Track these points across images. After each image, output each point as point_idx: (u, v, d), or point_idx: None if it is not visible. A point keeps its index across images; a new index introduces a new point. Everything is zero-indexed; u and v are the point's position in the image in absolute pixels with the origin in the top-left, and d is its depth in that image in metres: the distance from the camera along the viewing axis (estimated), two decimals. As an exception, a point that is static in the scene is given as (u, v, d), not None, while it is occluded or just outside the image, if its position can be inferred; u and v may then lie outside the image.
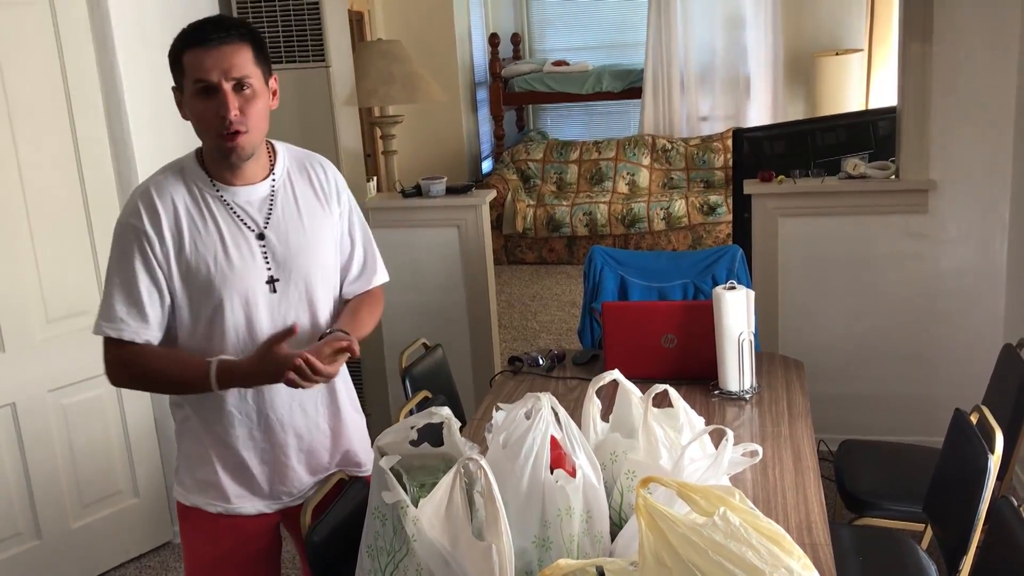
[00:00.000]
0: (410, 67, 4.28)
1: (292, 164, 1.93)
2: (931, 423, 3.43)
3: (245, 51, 1.76)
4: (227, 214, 1.83)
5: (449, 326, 4.04)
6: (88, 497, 3.27)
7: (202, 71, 1.72)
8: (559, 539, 1.67)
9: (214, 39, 1.73)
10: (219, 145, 1.77)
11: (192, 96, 1.76)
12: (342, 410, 2.02)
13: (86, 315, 3.18)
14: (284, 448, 1.94)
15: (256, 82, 1.77)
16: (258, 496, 1.97)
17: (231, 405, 1.89)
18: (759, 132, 4.87)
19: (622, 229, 7.11)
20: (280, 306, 1.87)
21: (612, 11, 8.93)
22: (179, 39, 1.77)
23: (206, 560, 2.00)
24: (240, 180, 1.85)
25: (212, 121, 1.74)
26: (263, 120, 1.80)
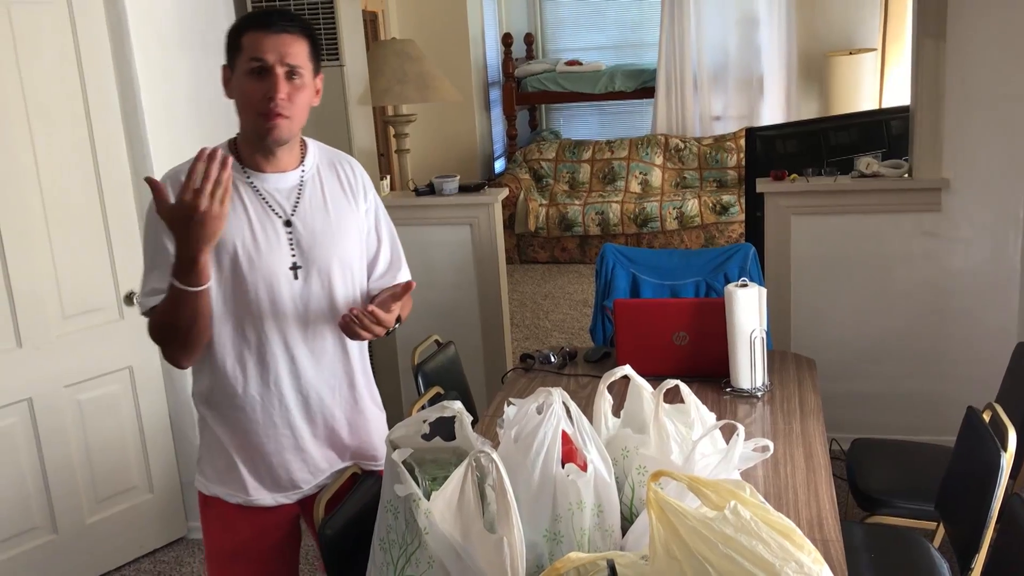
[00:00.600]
0: (424, 66, 4.30)
1: (322, 160, 1.99)
2: (944, 422, 3.42)
3: (302, 44, 1.83)
4: (256, 199, 1.88)
5: (461, 323, 4.06)
6: (103, 492, 3.30)
7: (259, 51, 1.78)
8: (570, 533, 1.68)
9: (277, 25, 1.80)
10: (259, 125, 1.82)
11: (244, 74, 1.81)
12: (360, 401, 2.04)
13: (102, 311, 3.22)
14: (302, 435, 1.96)
15: (306, 74, 1.84)
16: (277, 487, 1.98)
17: (251, 392, 1.91)
18: (772, 131, 4.86)
19: (634, 228, 7.11)
20: (302, 292, 1.90)
21: (625, 11, 8.93)
22: (242, 19, 1.85)
23: (224, 550, 2.03)
24: (271, 167, 1.90)
25: (259, 101, 1.80)
26: (304, 111, 1.87)
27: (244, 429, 1.94)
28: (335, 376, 1.98)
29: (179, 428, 3.46)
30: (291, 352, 1.91)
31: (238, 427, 1.94)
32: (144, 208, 3.23)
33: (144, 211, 3.22)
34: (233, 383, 1.90)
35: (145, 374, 3.35)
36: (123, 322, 3.27)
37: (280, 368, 1.91)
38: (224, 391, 1.92)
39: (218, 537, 2.03)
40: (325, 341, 1.95)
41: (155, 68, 3.26)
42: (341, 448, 2.04)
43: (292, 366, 1.92)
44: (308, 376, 1.92)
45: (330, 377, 1.96)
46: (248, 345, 1.89)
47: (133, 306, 3.28)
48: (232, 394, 1.92)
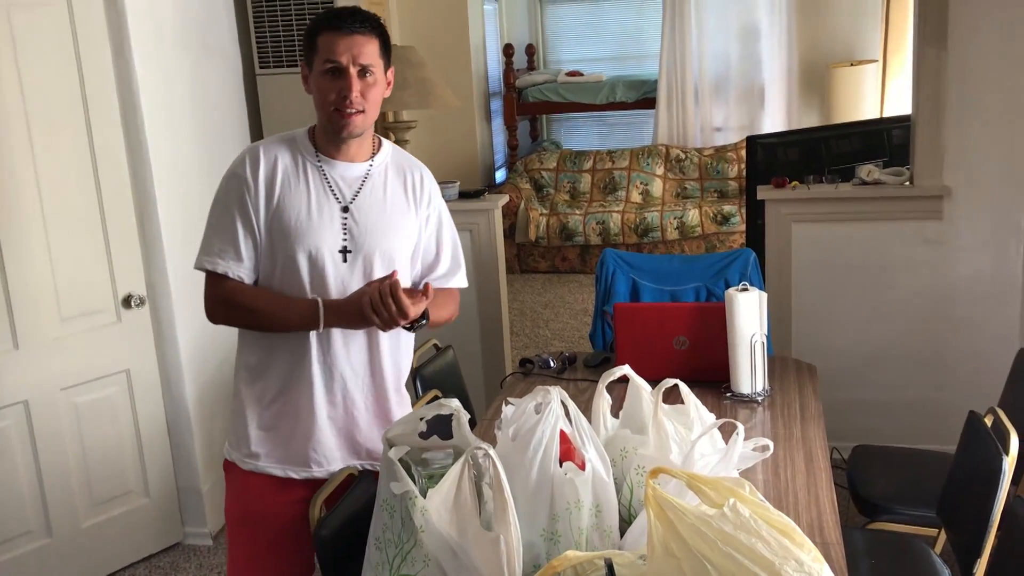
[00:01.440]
0: (424, 72, 4.29)
1: (393, 161, 2.08)
2: (946, 430, 3.39)
3: (373, 43, 1.93)
4: (320, 181, 1.98)
5: (461, 329, 4.03)
6: (99, 496, 3.27)
7: (333, 53, 1.89)
8: (568, 532, 1.66)
9: (348, 27, 1.90)
10: (334, 120, 1.93)
11: (320, 74, 1.92)
12: (384, 397, 2.09)
13: (100, 314, 3.21)
14: (320, 413, 2.01)
15: (378, 72, 1.95)
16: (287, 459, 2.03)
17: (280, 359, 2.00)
18: (773, 139, 4.86)
19: (635, 238, 7.11)
20: (346, 276, 1.98)
21: (626, 22, 8.95)
22: (318, 20, 1.94)
23: (236, 514, 2.11)
24: (342, 156, 2.00)
25: (334, 99, 1.91)
26: (377, 105, 1.98)
27: (267, 395, 2.03)
28: (361, 363, 2.04)
29: (176, 432, 3.44)
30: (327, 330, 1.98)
31: (262, 393, 2.03)
32: (143, 208, 3.24)
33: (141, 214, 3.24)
34: (267, 352, 2.01)
35: (142, 378, 3.33)
36: (121, 325, 3.26)
37: (312, 345, 1.99)
38: (258, 356, 2.03)
39: (233, 502, 2.12)
40: None
41: (155, 71, 3.26)
42: (357, 441, 2.07)
43: (322, 344, 1.99)
44: (336, 356, 2.00)
45: (357, 363, 2.03)
46: None
47: (131, 309, 3.26)
48: (262, 363, 2.02)
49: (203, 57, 3.57)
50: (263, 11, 3.81)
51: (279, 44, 3.87)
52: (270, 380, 2.03)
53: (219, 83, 3.67)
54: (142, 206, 3.27)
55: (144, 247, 3.29)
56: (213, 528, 3.54)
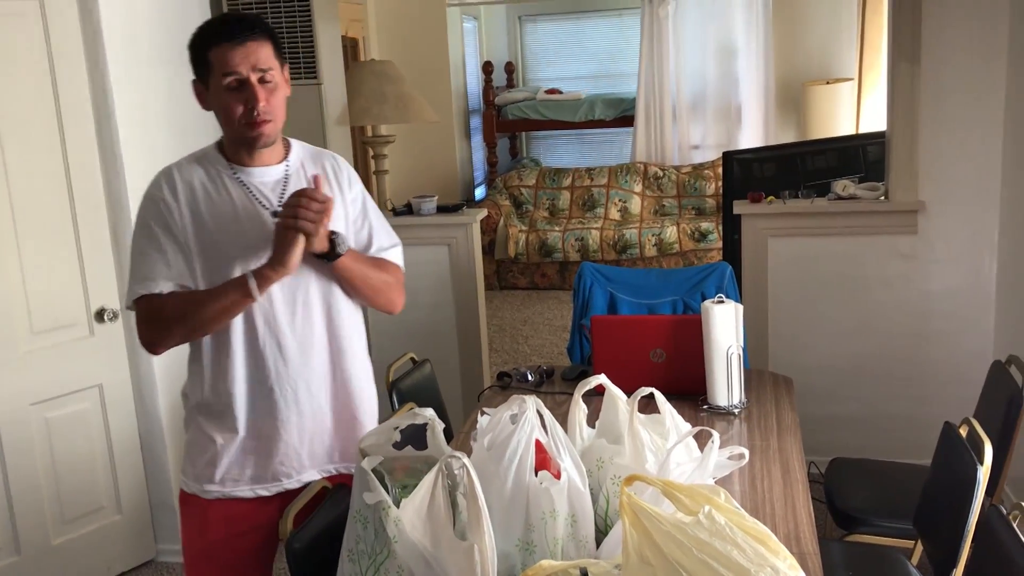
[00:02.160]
0: (403, 87, 4.30)
1: (306, 156, 2.05)
2: (921, 444, 3.40)
3: (267, 45, 1.87)
4: (243, 193, 1.94)
5: (439, 344, 4.03)
6: (70, 513, 3.22)
7: (231, 66, 1.83)
8: (543, 543, 1.65)
9: (240, 36, 1.83)
10: (245, 134, 1.89)
11: (221, 91, 1.85)
12: (352, 400, 2.05)
13: (72, 327, 3.17)
14: (287, 426, 1.96)
15: (276, 74, 1.89)
16: (257, 478, 1.98)
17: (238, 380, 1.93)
18: (749, 154, 4.89)
19: (614, 255, 7.12)
20: (290, 282, 1.93)
21: (605, 41, 9.02)
22: (204, 35, 1.87)
23: (198, 550, 2.03)
24: (256, 163, 1.96)
25: (243, 113, 1.86)
26: (283, 109, 1.93)
27: (227, 416, 1.96)
28: (324, 367, 2.00)
29: (149, 448, 3.40)
30: (278, 340, 1.93)
31: (222, 414, 1.96)
32: (116, 222, 3.21)
33: (114, 227, 3.21)
34: (222, 368, 1.94)
35: (115, 392, 3.29)
36: (94, 339, 3.22)
37: (267, 355, 1.93)
38: (212, 380, 1.96)
39: (193, 535, 2.04)
40: (312, 330, 1.97)
41: (130, 81, 3.24)
42: (327, 447, 2.03)
43: (279, 355, 1.94)
44: (293, 365, 1.95)
45: (319, 368, 1.99)
46: (239, 332, 1.92)
47: (104, 323, 3.23)
48: (219, 382, 1.95)
49: (179, 68, 3.52)
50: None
51: (256, 58, 3.87)
52: (227, 402, 1.95)
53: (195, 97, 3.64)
54: (116, 219, 3.24)
55: (118, 261, 3.25)
56: (186, 545, 3.49)
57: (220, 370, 1.95)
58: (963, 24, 3.44)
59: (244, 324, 1.92)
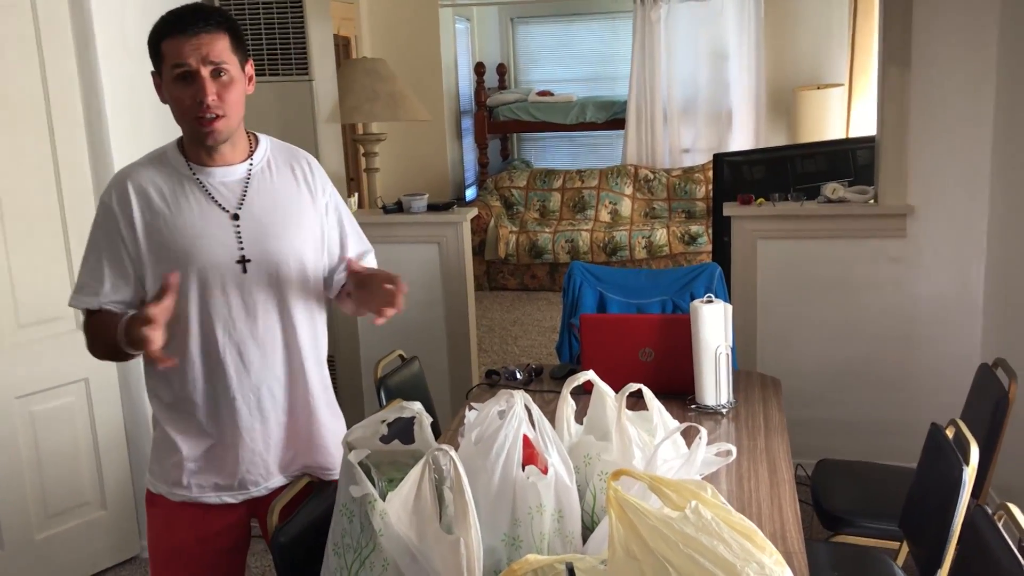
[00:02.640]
0: (394, 85, 4.29)
1: (275, 155, 1.97)
2: (908, 447, 3.41)
3: (222, 39, 1.80)
4: (201, 194, 1.87)
5: (428, 342, 4.02)
6: (54, 507, 3.20)
7: (180, 57, 1.77)
8: (529, 537, 1.65)
9: (192, 28, 1.78)
10: (195, 129, 1.82)
11: (171, 82, 1.80)
12: (313, 404, 2.00)
13: (59, 320, 3.15)
14: (250, 433, 1.92)
15: (233, 68, 1.82)
16: (222, 486, 1.94)
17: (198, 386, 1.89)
18: (739, 157, 4.90)
19: (604, 257, 7.13)
20: (249, 286, 1.88)
21: (597, 44, 9.03)
22: (158, 26, 1.83)
23: (163, 550, 1.99)
24: (216, 162, 1.89)
25: (190, 106, 1.79)
26: (239, 105, 1.85)
27: (191, 423, 1.92)
28: (285, 373, 1.95)
29: (135, 443, 3.38)
30: (239, 347, 1.89)
31: (186, 421, 1.92)
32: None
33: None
34: (181, 377, 1.89)
35: (101, 386, 3.27)
36: (80, 333, 3.16)
37: (228, 363, 1.88)
38: (172, 385, 1.91)
39: (160, 536, 2.00)
40: (274, 336, 1.92)
41: (120, 73, 3.22)
42: (292, 452, 1.99)
43: (239, 361, 1.89)
44: (256, 372, 1.90)
45: (280, 374, 1.94)
46: (196, 340, 1.87)
47: (91, 317, 3.21)
48: (180, 388, 1.90)
49: (170, 64, 3.54)
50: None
51: (247, 53, 3.85)
52: (190, 410, 1.91)
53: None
54: (104, 212, 3.22)
55: (106, 254, 3.24)
56: (171, 542, 3.47)
57: (182, 378, 1.90)
58: (953, 30, 3.46)
59: (201, 333, 1.87)
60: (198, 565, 1.97)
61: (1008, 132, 3.33)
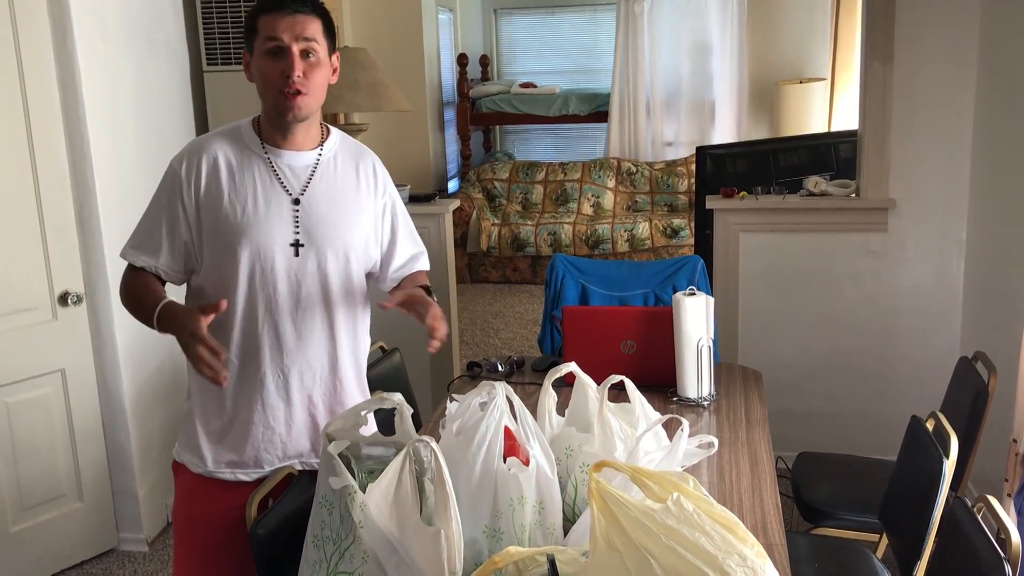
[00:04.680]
0: (376, 75, 4.26)
1: (343, 148, 2.02)
2: (888, 440, 3.43)
3: (315, 23, 1.87)
4: (267, 173, 1.92)
5: (409, 334, 3.96)
6: (29, 500, 3.16)
7: (274, 31, 1.84)
8: (510, 529, 1.63)
9: (290, 7, 1.85)
10: (278, 102, 1.86)
11: (261, 55, 1.86)
12: (343, 393, 2.02)
13: (35, 311, 3.12)
14: (275, 413, 1.96)
15: (321, 52, 1.88)
16: (238, 463, 1.97)
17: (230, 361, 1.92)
18: (722, 150, 4.90)
19: (586, 250, 7.13)
20: (298, 270, 1.93)
21: (580, 36, 9.01)
22: (258, 4, 1.89)
23: (182, 517, 2.04)
24: (288, 145, 1.94)
25: (276, 79, 1.85)
26: (322, 89, 1.90)
27: (215, 398, 1.96)
28: (318, 359, 1.98)
29: (112, 434, 3.35)
30: (277, 327, 1.93)
31: (210, 396, 1.96)
32: (82, 204, 3.16)
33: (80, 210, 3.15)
34: None
35: (78, 377, 3.24)
36: (56, 323, 3.16)
37: (264, 341, 1.92)
38: None
39: (180, 504, 2.05)
40: (314, 322, 1.96)
41: (98, 65, 3.18)
42: (312, 440, 2.01)
43: (276, 341, 1.93)
44: (290, 353, 1.94)
45: (313, 359, 1.97)
46: (239, 312, 1.91)
47: (68, 306, 3.17)
48: None
49: (148, 53, 3.50)
50: (212, 8, 3.75)
51: (227, 41, 3.81)
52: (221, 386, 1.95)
53: (165, 80, 3.60)
54: (81, 202, 3.19)
55: (83, 244, 3.20)
56: (149, 534, 3.45)
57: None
58: (935, 26, 3.47)
59: (244, 306, 1.91)
60: (217, 532, 1.99)
61: (988, 127, 3.35)
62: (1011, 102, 3.09)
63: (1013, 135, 3.07)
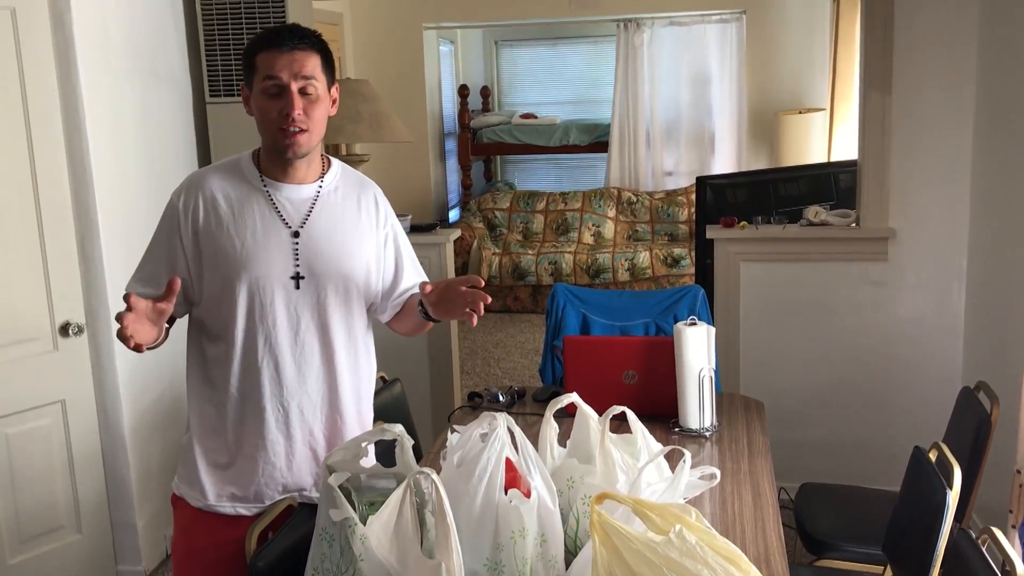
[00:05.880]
0: (378, 106, 4.29)
1: (345, 180, 2.02)
2: (890, 470, 3.40)
3: (314, 58, 1.87)
4: (266, 207, 1.92)
5: (410, 364, 3.99)
6: (28, 531, 3.14)
7: (273, 70, 1.84)
8: (512, 563, 1.62)
9: (288, 44, 1.85)
10: (278, 140, 1.87)
11: (260, 93, 1.87)
12: (344, 425, 2.01)
13: (36, 341, 3.11)
14: (275, 448, 1.95)
15: (320, 87, 1.88)
16: (239, 497, 1.97)
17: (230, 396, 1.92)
18: (722, 180, 4.92)
19: (587, 279, 7.13)
20: (298, 303, 1.93)
21: (580, 67, 9.09)
22: (255, 41, 1.90)
23: (181, 551, 2.03)
24: (288, 179, 1.94)
25: (276, 118, 1.85)
26: (322, 124, 1.91)
27: (216, 432, 1.95)
28: (318, 393, 1.97)
29: (111, 466, 3.33)
30: (276, 361, 1.92)
31: (211, 429, 1.96)
32: (84, 234, 3.17)
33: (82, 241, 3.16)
34: (214, 384, 1.94)
35: (78, 408, 3.23)
36: (57, 353, 3.16)
37: (264, 375, 1.92)
38: (204, 391, 1.96)
39: (179, 537, 2.04)
40: (313, 357, 1.95)
41: (102, 95, 3.20)
42: (313, 474, 2.00)
43: (275, 375, 1.92)
44: (290, 388, 1.93)
45: (313, 393, 1.96)
46: (238, 346, 1.91)
47: (69, 337, 3.17)
48: (211, 395, 1.94)
49: (152, 83, 3.52)
50: (215, 39, 3.78)
51: (230, 73, 3.84)
52: (220, 416, 1.95)
53: (168, 110, 3.62)
54: (84, 232, 3.19)
55: (84, 274, 3.20)
56: (148, 566, 3.42)
57: (218, 383, 1.94)
58: (933, 55, 3.49)
59: (244, 339, 1.91)
60: (210, 570, 1.99)
61: (988, 155, 3.36)
62: (1010, 130, 3.11)
63: (1012, 163, 3.08)
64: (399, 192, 7.26)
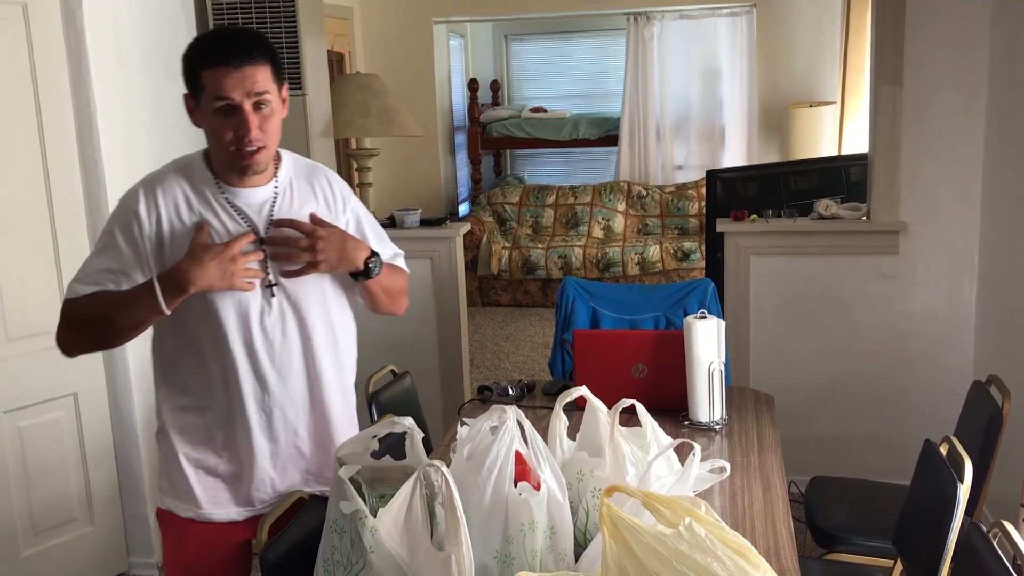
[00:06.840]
0: (387, 101, 4.30)
1: (297, 173, 1.95)
2: (901, 464, 3.40)
3: (264, 70, 1.77)
4: (229, 213, 1.85)
5: (420, 358, 4.00)
6: (41, 524, 3.17)
7: (224, 91, 1.73)
8: (521, 555, 1.63)
9: (236, 59, 1.73)
10: (235, 160, 1.80)
11: (211, 112, 1.77)
12: (331, 423, 1.99)
13: (48, 335, 3.09)
14: (262, 453, 1.92)
15: (274, 99, 1.81)
16: (230, 503, 1.95)
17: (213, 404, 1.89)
18: (733, 173, 4.90)
19: (596, 273, 7.13)
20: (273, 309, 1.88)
21: (590, 61, 9.06)
22: (199, 55, 1.77)
23: (177, 564, 2.00)
24: (244, 184, 1.87)
25: (232, 139, 1.77)
26: (278, 133, 1.84)
27: (203, 438, 1.92)
28: (300, 395, 1.94)
29: (124, 458, 3.35)
30: (256, 367, 1.88)
31: (196, 439, 1.92)
32: (96, 229, 3.18)
33: (94, 237, 3.17)
34: (194, 395, 1.89)
35: (91, 401, 3.25)
36: (70, 347, 3.17)
37: (244, 383, 1.87)
38: (184, 402, 1.91)
39: (171, 551, 2.01)
40: (291, 360, 1.91)
41: (113, 88, 3.22)
42: (303, 471, 1.99)
43: (256, 382, 1.89)
44: (272, 393, 1.90)
45: (296, 395, 1.93)
46: (213, 358, 1.87)
47: (81, 331, 3.18)
48: (196, 401, 1.90)
49: (165, 80, 3.52)
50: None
51: (241, 68, 3.85)
52: (204, 425, 1.91)
53: (180, 107, 3.62)
54: (95, 226, 3.21)
55: (96, 268, 3.22)
56: (160, 558, 3.44)
57: (199, 392, 1.90)
58: (945, 48, 3.48)
59: (220, 348, 1.86)
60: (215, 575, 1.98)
61: (1000, 147, 3.35)
62: (1023, 121, 3.09)
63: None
64: (409, 186, 7.28)
